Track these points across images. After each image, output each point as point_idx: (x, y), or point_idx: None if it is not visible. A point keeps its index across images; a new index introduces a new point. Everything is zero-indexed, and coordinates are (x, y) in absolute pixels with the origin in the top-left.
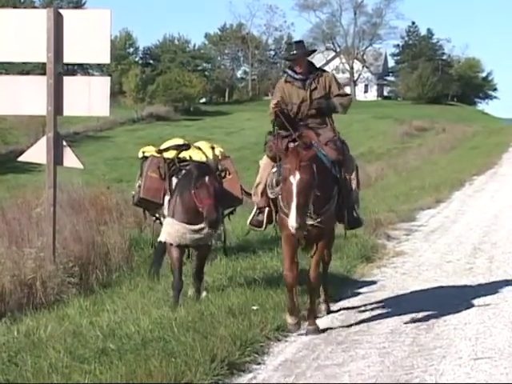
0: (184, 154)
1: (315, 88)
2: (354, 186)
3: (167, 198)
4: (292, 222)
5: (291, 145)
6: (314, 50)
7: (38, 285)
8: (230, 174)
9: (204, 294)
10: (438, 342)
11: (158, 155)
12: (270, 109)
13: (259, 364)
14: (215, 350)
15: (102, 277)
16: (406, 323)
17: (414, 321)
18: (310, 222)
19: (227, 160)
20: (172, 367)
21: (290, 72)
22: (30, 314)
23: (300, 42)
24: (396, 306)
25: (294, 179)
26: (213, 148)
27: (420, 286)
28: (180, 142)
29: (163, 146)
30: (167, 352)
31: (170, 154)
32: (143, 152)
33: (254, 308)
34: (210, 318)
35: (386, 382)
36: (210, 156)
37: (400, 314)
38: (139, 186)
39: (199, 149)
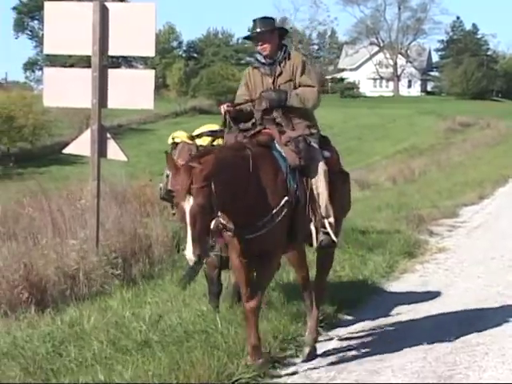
0: (219, 141)
1: (280, 73)
2: (323, 198)
3: None
4: (189, 254)
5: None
6: (286, 30)
7: (81, 276)
8: None
9: None
10: (480, 339)
11: (191, 142)
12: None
13: (300, 357)
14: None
15: (145, 269)
16: (448, 319)
17: (456, 317)
18: (248, 236)
19: None
20: (214, 359)
21: (258, 56)
22: (74, 305)
23: (267, 19)
24: (439, 301)
25: (187, 205)
26: None
27: (463, 283)
28: (214, 127)
29: (196, 132)
30: (210, 344)
31: (204, 141)
32: (173, 138)
33: (295, 302)
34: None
35: (428, 380)
36: None
37: (443, 310)
38: (167, 176)
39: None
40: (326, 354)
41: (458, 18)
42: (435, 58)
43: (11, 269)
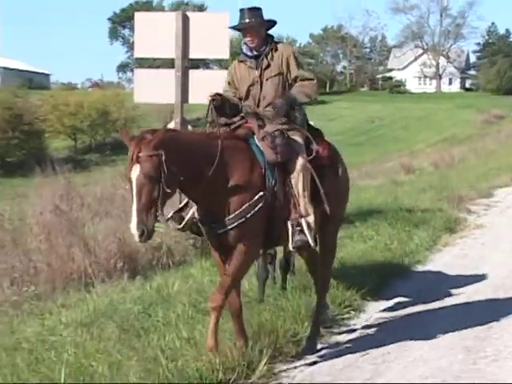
0: None
1: (268, 66)
2: (302, 196)
3: None
4: (133, 228)
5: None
6: (274, 22)
7: (165, 248)
8: None
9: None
10: None
11: None
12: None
13: (355, 319)
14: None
15: None
16: (485, 287)
17: (493, 285)
18: (219, 230)
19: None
20: (281, 320)
21: (244, 49)
22: (159, 273)
23: (255, 9)
24: (476, 271)
25: (133, 175)
26: None
27: (498, 256)
28: None
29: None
30: (278, 307)
31: None
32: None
33: (353, 272)
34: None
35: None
36: None
37: (481, 279)
38: None
39: None
40: (377, 317)
41: (492, 23)
42: (472, 58)
43: (108, 242)
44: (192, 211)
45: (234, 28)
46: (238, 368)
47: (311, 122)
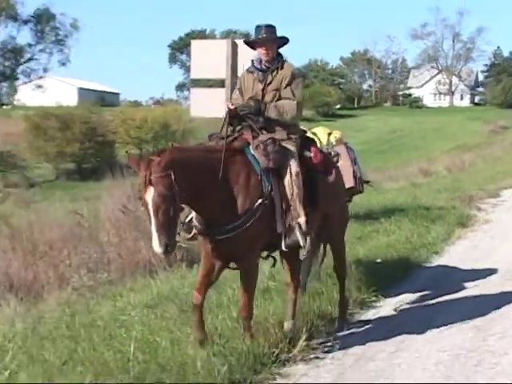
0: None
1: (271, 82)
2: (294, 199)
3: None
4: (156, 246)
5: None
6: (287, 39)
7: None
8: (339, 160)
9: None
10: None
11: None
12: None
13: (381, 302)
14: (347, 292)
15: None
16: (493, 274)
17: (501, 273)
18: (219, 236)
19: (341, 146)
20: (317, 302)
21: (254, 61)
22: None
23: (270, 26)
24: (486, 261)
25: (148, 196)
26: (329, 134)
27: (505, 247)
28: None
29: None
30: (314, 291)
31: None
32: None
33: (378, 261)
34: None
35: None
36: (324, 142)
37: (490, 267)
38: None
39: (315, 134)
40: (399, 300)
41: (498, 47)
42: (481, 77)
43: None
44: (190, 216)
45: (249, 42)
46: (280, 344)
47: (317, 129)
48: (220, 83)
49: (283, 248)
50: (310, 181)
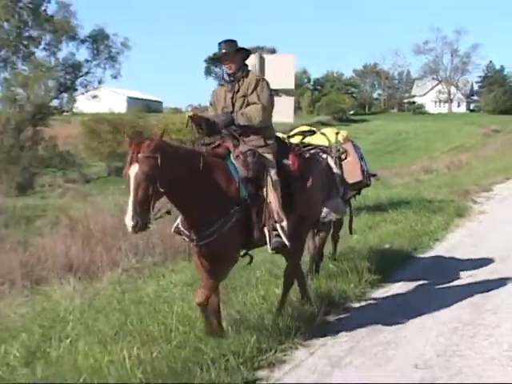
0: (308, 139)
1: (238, 90)
2: (274, 205)
3: None
4: (128, 220)
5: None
6: (247, 50)
7: None
8: (347, 156)
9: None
10: (506, 267)
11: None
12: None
13: (388, 282)
14: (360, 273)
15: None
16: (487, 257)
17: (492, 255)
18: (200, 242)
19: (348, 143)
20: (334, 282)
21: (225, 75)
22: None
23: (230, 41)
24: (481, 246)
25: (132, 172)
26: (337, 133)
27: (497, 234)
28: (306, 128)
29: (292, 133)
30: (332, 272)
31: (296, 139)
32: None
33: (386, 246)
34: (357, 252)
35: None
36: (333, 140)
37: (483, 250)
38: None
39: (324, 134)
40: (412, 274)
41: (490, 61)
42: (475, 87)
43: None
44: (177, 222)
45: (214, 58)
46: (302, 318)
47: (325, 129)
48: None
49: (269, 250)
50: (288, 186)
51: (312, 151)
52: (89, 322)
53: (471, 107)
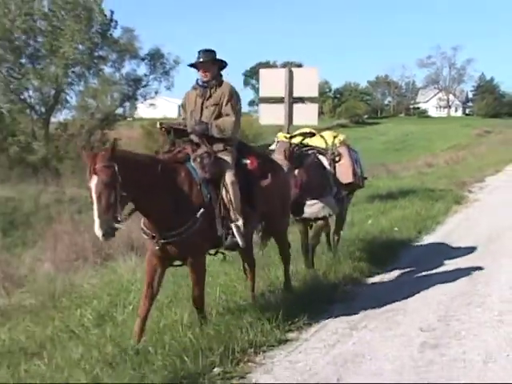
0: (307, 141)
1: (209, 97)
2: (231, 205)
3: None
4: (96, 229)
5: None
6: (224, 62)
7: None
8: (341, 159)
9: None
10: (502, 249)
11: (286, 140)
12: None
13: (397, 260)
14: (373, 253)
15: None
16: (480, 236)
17: (486, 236)
18: (163, 241)
19: (343, 147)
20: (352, 260)
21: (199, 80)
22: None
23: (208, 51)
24: (475, 227)
25: (92, 184)
26: (335, 137)
27: (489, 218)
28: (307, 130)
29: (294, 133)
30: (348, 252)
31: (296, 140)
32: (277, 137)
33: (396, 229)
34: (371, 235)
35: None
36: (330, 143)
37: (477, 232)
38: None
39: (323, 137)
40: (418, 253)
41: (482, 73)
42: (470, 95)
43: None
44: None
45: (191, 65)
46: (325, 289)
47: (325, 133)
48: (280, 100)
49: (222, 250)
50: (247, 185)
51: (309, 152)
52: None
53: (466, 112)
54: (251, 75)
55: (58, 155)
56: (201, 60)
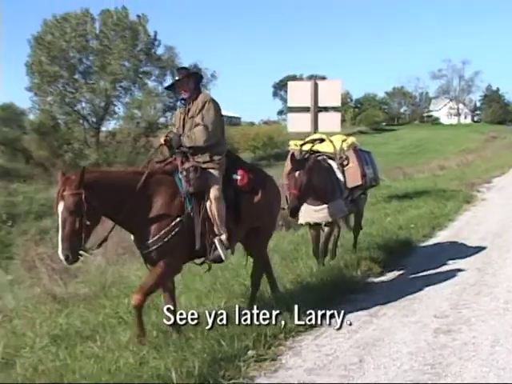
0: (317, 147)
1: (188, 111)
2: (215, 219)
3: None
4: (59, 253)
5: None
6: (200, 75)
7: None
8: (349, 163)
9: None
10: (508, 244)
11: (297, 147)
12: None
13: (411, 253)
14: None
15: None
16: (488, 233)
17: (493, 232)
18: (143, 251)
19: (350, 151)
20: (373, 253)
21: (180, 100)
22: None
23: (182, 68)
24: (484, 224)
25: (59, 209)
26: (343, 141)
27: (495, 216)
28: (317, 136)
29: (305, 140)
30: (369, 246)
31: (307, 147)
32: (289, 144)
33: (412, 226)
34: (390, 231)
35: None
36: (338, 148)
37: (486, 228)
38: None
39: (331, 142)
40: (432, 246)
41: (489, 84)
42: (478, 104)
43: None
44: None
45: (167, 88)
46: (349, 281)
47: (334, 137)
48: (306, 109)
49: (207, 261)
50: (236, 200)
51: (319, 158)
52: (188, 282)
53: (475, 119)
54: (280, 87)
55: (108, 160)
56: (176, 78)
